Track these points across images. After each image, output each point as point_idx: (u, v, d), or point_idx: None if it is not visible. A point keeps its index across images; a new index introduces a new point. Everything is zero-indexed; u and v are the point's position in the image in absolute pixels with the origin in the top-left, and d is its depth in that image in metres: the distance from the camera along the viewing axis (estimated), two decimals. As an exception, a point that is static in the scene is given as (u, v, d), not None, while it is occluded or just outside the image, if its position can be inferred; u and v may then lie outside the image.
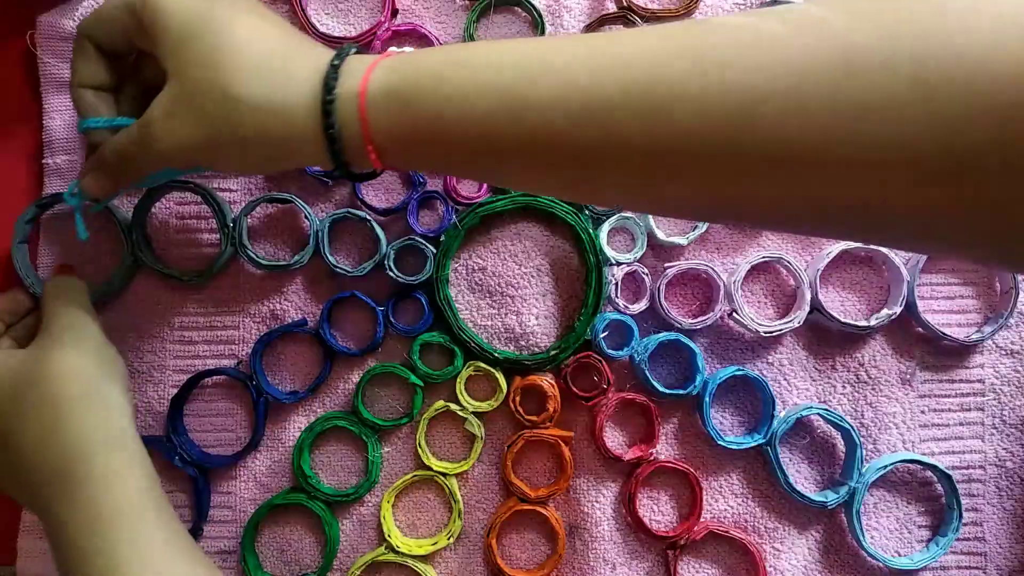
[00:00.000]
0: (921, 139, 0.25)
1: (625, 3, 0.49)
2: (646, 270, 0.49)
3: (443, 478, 0.48)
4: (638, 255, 0.49)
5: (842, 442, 0.49)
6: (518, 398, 0.47)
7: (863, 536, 0.47)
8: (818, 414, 0.47)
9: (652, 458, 0.48)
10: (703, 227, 0.49)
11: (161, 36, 0.36)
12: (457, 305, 0.49)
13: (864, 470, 0.48)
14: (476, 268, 0.49)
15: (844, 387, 0.49)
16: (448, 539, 0.48)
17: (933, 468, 0.48)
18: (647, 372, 0.47)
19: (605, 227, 0.49)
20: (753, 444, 0.48)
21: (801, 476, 0.49)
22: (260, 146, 0.35)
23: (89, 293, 0.45)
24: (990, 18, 0.25)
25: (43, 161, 0.50)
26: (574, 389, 0.48)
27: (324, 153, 0.35)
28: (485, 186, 0.49)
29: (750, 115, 0.27)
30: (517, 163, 0.32)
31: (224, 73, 0.34)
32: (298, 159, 0.37)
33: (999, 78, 0.24)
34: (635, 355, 0.48)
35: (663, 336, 0.48)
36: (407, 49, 0.35)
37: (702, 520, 0.48)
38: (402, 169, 0.34)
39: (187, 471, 0.48)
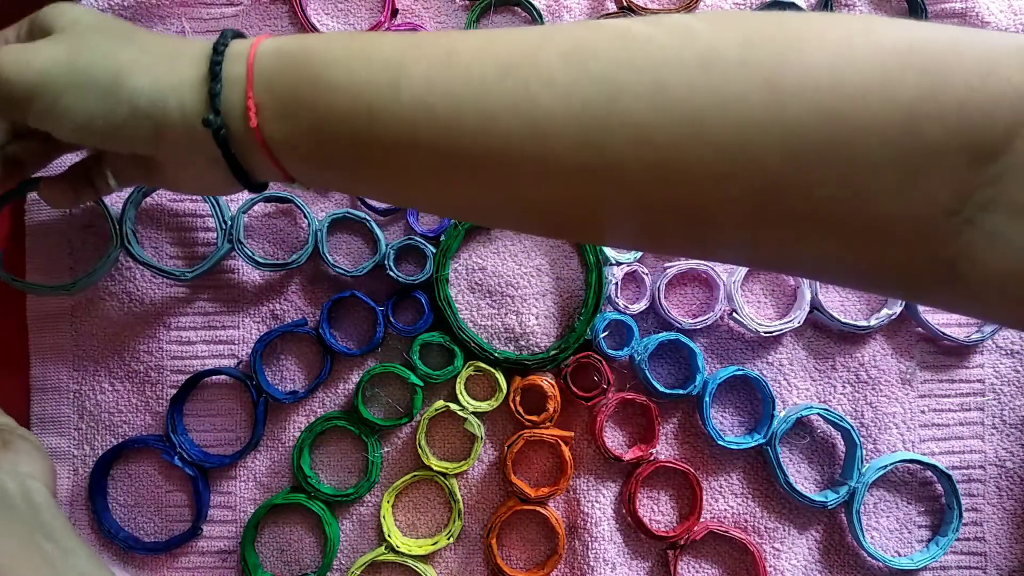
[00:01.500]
0: (769, 144, 0.27)
1: (625, 3, 0.49)
2: (646, 270, 0.49)
3: (443, 478, 0.48)
4: (638, 255, 0.49)
5: (842, 442, 0.49)
6: (518, 398, 0.47)
7: (863, 536, 0.47)
8: (818, 414, 0.47)
9: (652, 458, 0.48)
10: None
11: (57, 20, 0.35)
12: (457, 305, 0.49)
13: (864, 470, 0.48)
14: (476, 268, 0.49)
15: (844, 387, 0.49)
16: (448, 539, 0.48)
17: (933, 468, 0.48)
18: (647, 372, 0.47)
19: (605, 227, 0.49)
20: (753, 444, 0.48)
21: (801, 476, 0.49)
22: (145, 118, 0.34)
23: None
24: (839, 35, 0.27)
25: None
26: (574, 389, 0.48)
27: (207, 127, 0.33)
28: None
29: (611, 104, 0.28)
30: (402, 151, 0.31)
31: (114, 66, 0.33)
32: (189, 149, 0.34)
33: (843, 89, 0.26)
34: (635, 355, 0.48)
35: (663, 336, 0.48)
36: None
37: (702, 520, 0.48)
38: (288, 168, 0.34)
39: (186, 471, 0.48)
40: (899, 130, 0.26)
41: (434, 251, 0.48)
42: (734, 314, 0.48)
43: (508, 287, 0.49)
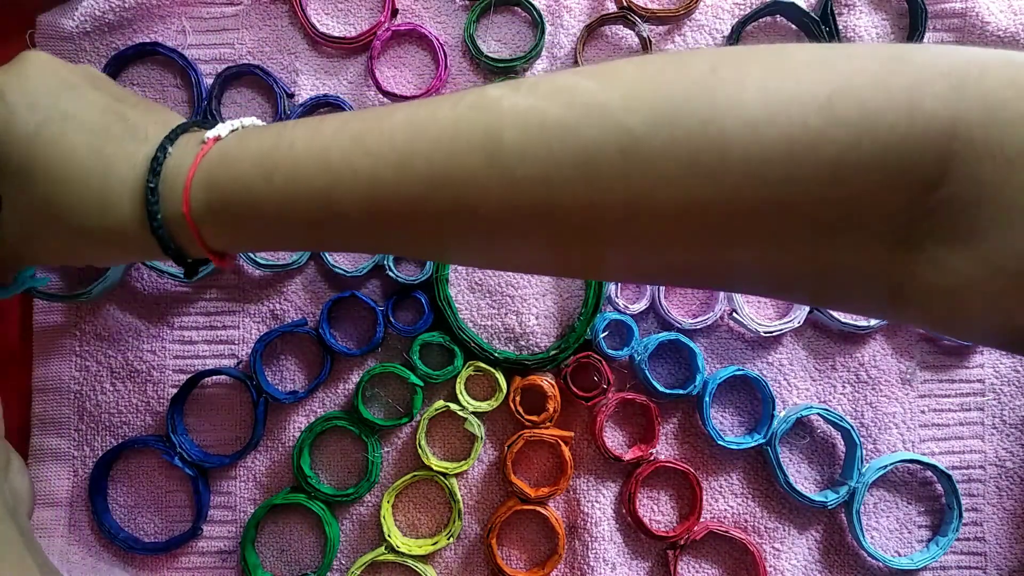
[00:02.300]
0: (704, 212, 0.27)
1: (625, 3, 0.49)
2: (646, 270, 0.49)
3: (443, 478, 0.48)
4: (638, 255, 0.49)
5: (842, 442, 0.49)
6: (518, 398, 0.47)
7: (863, 536, 0.47)
8: (818, 414, 0.47)
9: (652, 458, 0.48)
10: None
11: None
12: (457, 305, 0.49)
13: (864, 470, 0.48)
14: (476, 268, 0.49)
15: (844, 387, 0.49)
16: (448, 539, 0.48)
17: (933, 468, 0.48)
18: (647, 372, 0.47)
19: (605, 227, 0.49)
20: (753, 444, 0.48)
21: (801, 476, 0.49)
22: (114, 256, 0.38)
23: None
24: (756, 91, 0.26)
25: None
26: (574, 389, 0.48)
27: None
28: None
29: (547, 203, 0.29)
30: (353, 246, 0.35)
31: (52, 206, 0.34)
32: (153, 259, 0.37)
33: (768, 156, 0.26)
34: (635, 355, 0.48)
35: (663, 336, 0.48)
36: (225, 128, 0.35)
37: (702, 520, 0.48)
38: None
39: (186, 471, 0.48)
40: (829, 184, 0.26)
41: (434, 251, 0.48)
42: (734, 314, 0.48)
43: (508, 287, 0.49)
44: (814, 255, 0.28)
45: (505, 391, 0.48)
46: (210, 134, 0.35)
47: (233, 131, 0.35)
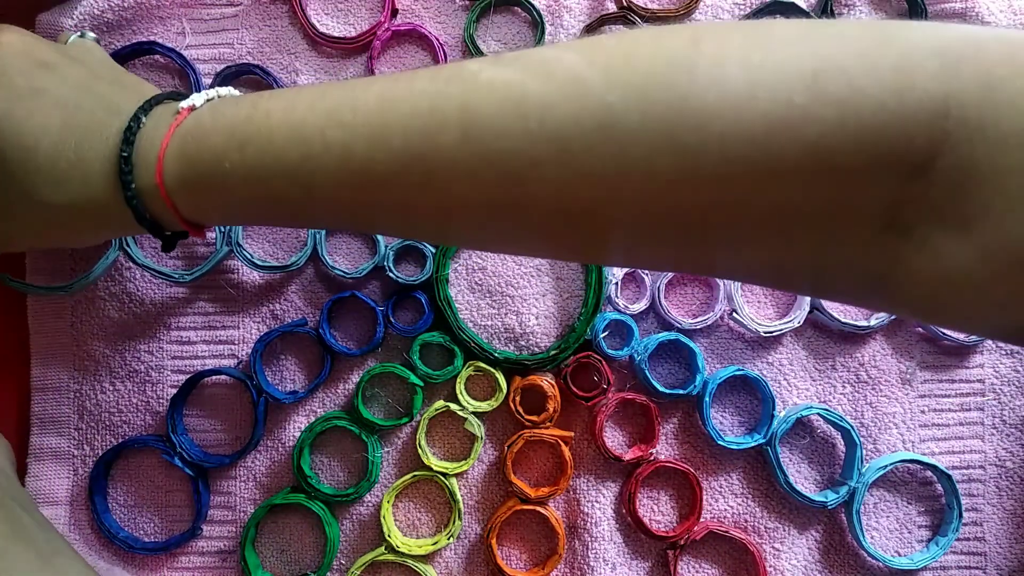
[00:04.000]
0: (681, 197, 0.26)
1: (625, 3, 0.49)
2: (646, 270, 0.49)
3: (443, 478, 0.48)
4: (638, 255, 0.49)
5: (842, 442, 0.49)
6: (518, 398, 0.47)
7: (863, 536, 0.47)
8: (818, 414, 0.47)
9: (652, 458, 0.48)
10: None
11: None
12: (457, 305, 0.49)
13: (864, 470, 0.48)
14: (476, 268, 0.49)
15: (844, 387, 0.49)
16: (448, 539, 0.48)
17: (933, 468, 0.48)
18: (647, 372, 0.47)
19: (605, 227, 0.49)
20: (753, 444, 0.48)
21: (801, 476, 0.49)
22: (89, 232, 0.37)
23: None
24: (738, 66, 0.25)
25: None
26: (574, 389, 0.48)
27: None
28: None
29: (521, 182, 0.28)
30: (325, 222, 0.36)
31: (22, 182, 0.34)
32: (129, 233, 0.38)
33: (748, 135, 0.25)
34: (635, 355, 0.48)
35: (663, 336, 0.48)
36: (200, 98, 0.35)
37: (702, 520, 0.48)
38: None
39: (186, 471, 0.48)
40: (812, 168, 0.25)
41: (434, 251, 0.48)
42: (734, 314, 0.48)
43: (508, 287, 0.49)
44: (798, 243, 0.27)
45: (505, 391, 0.48)
46: (184, 104, 0.35)
47: (208, 100, 0.35)
